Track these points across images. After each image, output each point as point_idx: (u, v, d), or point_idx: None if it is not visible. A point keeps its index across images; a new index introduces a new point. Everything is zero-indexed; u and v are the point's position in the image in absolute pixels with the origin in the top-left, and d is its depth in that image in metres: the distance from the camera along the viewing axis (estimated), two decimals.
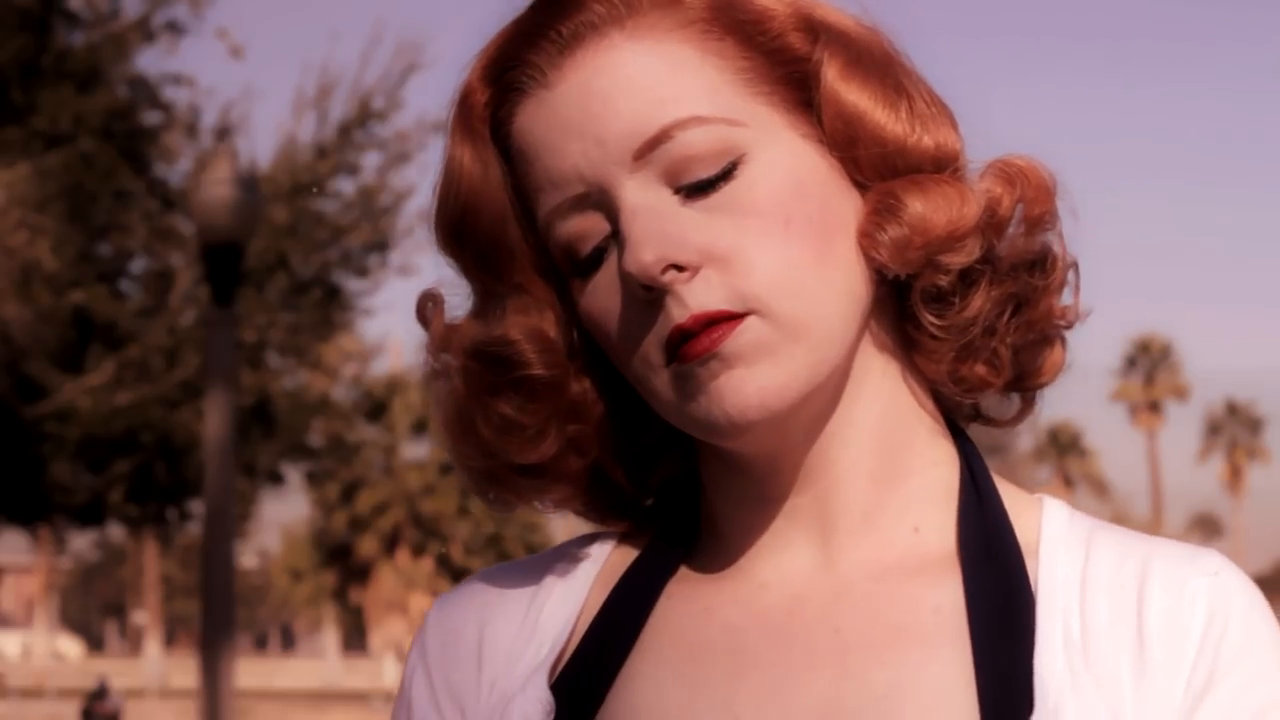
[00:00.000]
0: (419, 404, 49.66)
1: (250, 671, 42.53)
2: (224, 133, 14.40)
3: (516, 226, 1.16)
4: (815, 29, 1.15)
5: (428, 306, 1.21)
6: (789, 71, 1.14)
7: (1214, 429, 70.08)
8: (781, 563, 1.17)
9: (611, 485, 1.22)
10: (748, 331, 1.09)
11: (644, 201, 1.11)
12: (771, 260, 1.10)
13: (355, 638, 69.40)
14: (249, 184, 10.61)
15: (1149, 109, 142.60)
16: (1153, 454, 67.26)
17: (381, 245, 15.43)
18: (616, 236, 1.12)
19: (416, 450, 51.40)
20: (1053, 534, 1.16)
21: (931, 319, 1.15)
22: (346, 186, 15.32)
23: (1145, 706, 1.09)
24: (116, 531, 18.59)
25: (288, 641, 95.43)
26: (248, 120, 16.58)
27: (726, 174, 1.11)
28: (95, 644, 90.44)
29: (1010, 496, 1.18)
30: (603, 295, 1.13)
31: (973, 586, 1.13)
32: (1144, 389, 66.72)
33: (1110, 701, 1.09)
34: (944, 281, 1.13)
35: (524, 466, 1.18)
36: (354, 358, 17.99)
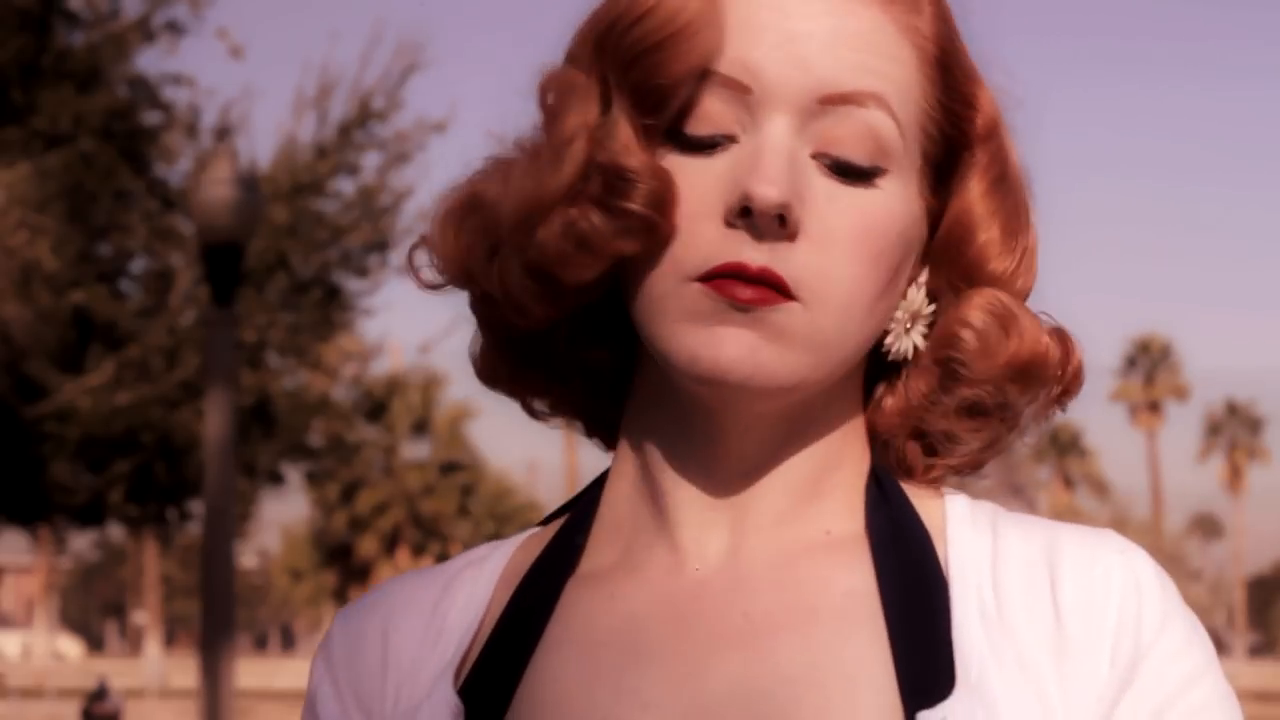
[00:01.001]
0: (419, 404, 49.71)
1: (250, 671, 42.53)
2: (224, 133, 14.40)
3: (688, 91, 1.12)
4: (994, 131, 1.18)
5: (562, 89, 1.15)
6: (953, 137, 1.16)
7: (1214, 429, 70.11)
8: (689, 546, 1.16)
9: (550, 339, 1.19)
10: (785, 314, 1.09)
11: (789, 143, 1.10)
12: (847, 276, 1.11)
13: None
14: (249, 184, 10.61)
15: (1149, 109, 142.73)
16: (1153, 454, 67.30)
17: (381, 245, 15.42)
18: (735, 142, 1.11)
19: (416, 450, 51.45)
20: (958, 516, 1.17)
21: (956, 424, 1.18)
22: (346, 186, 15.32)
23: (1069, 682, 1.09)
24: (116, 531, 18.59)
25: (288, 641, 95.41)
26: (248, 120, 16.57)
27: (869, 176, 1.12)
28: (95, 644, 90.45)
29: (913, 492, 1.20)
30: (686, 182, 1.11)
31: (883, 567, 1.13)
32: (1144, 389, 66.76)
33: (1030, 673, 1.09)
34: (989, 403, 1.17)
35: (540, 273, 1.14)
36: (354, 358, 17.95)
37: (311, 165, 14.87)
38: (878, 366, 1.20)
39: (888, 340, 1.17)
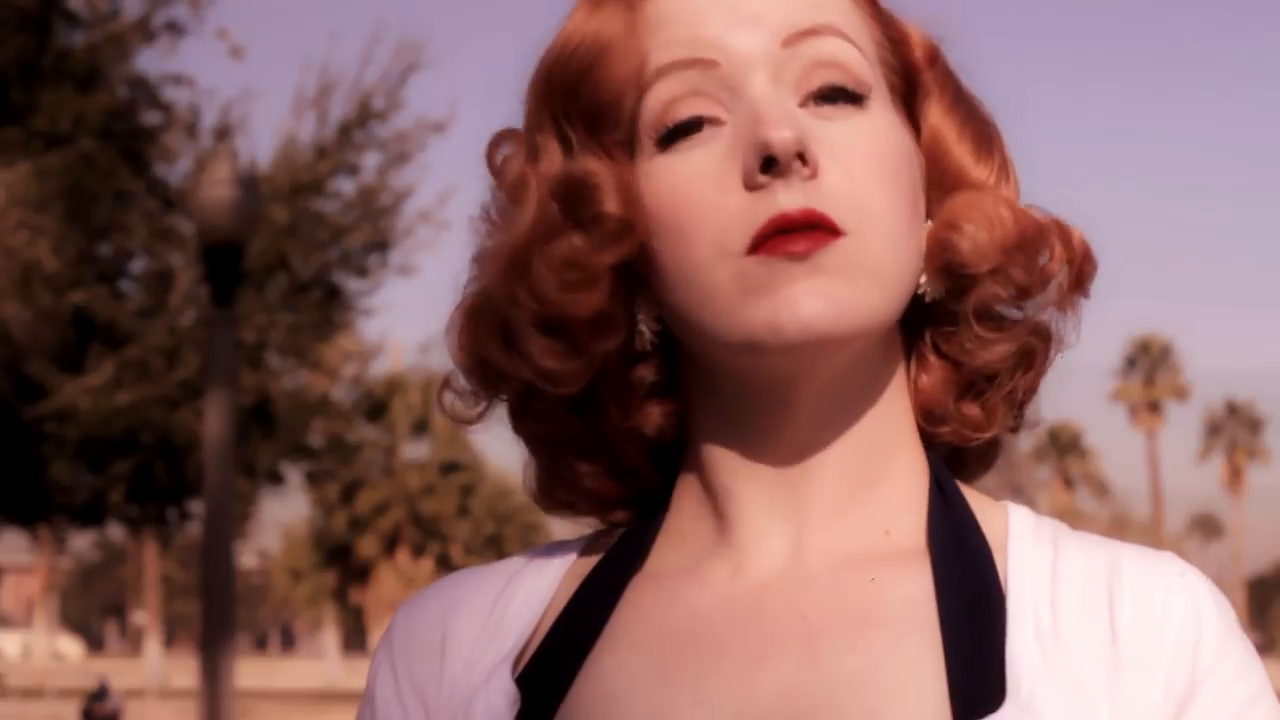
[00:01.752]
0: (419, 404, 49.70)
1: (250, 671, 42.55)
2: (224, 133, 14.40)
3: (634, 96, 1.14)
4: (934, 58, 1.21)
5: (504, 144, 1.19)
6: (903, 67, 1.19)
7: (1214, 429, 70.07)
8: (749, 551, 1.17)
9: (595, 419, 1.20)
10: (843, 250, 1.10)
11: (777, 95, 1.12)
12: (879, 198, 1.12)
13: (355, 638, 69.39)
14: (249, 184, 10.61)
15: (1149, 109, 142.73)
16: (1153, 454, 67.28)
17: (381, 245, 15.43)
18: (722, 123, 1.12)
19: (416, 450, 51.44)
20: (1020, 532, 1.17)
21: (979, 332, 1.18)
22: (346, 186, 15.33)
23: (1121, 701, 1.09)
24: (116, 531, 18.59)
25: (288, 641, 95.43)
26: (248, 120, 16.56)
27: (856, 100, 1.14)
28: (95, 644, 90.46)
29: (976, 501, 1.20)
30: (691, 172, 1.12)
31: (942, 578, 1.13)
32: (1144, 389, 66.74)
33: (1083, 693, 1.09)
34: (1003, 296, 1.17)
35: (551, 326, 1.15)
36: (354, 358, 17.96)
37: (311, 165, 14.87)
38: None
39: (920, 281, 1.17)
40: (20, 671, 56.37)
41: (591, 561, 1.22)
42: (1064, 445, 66.77)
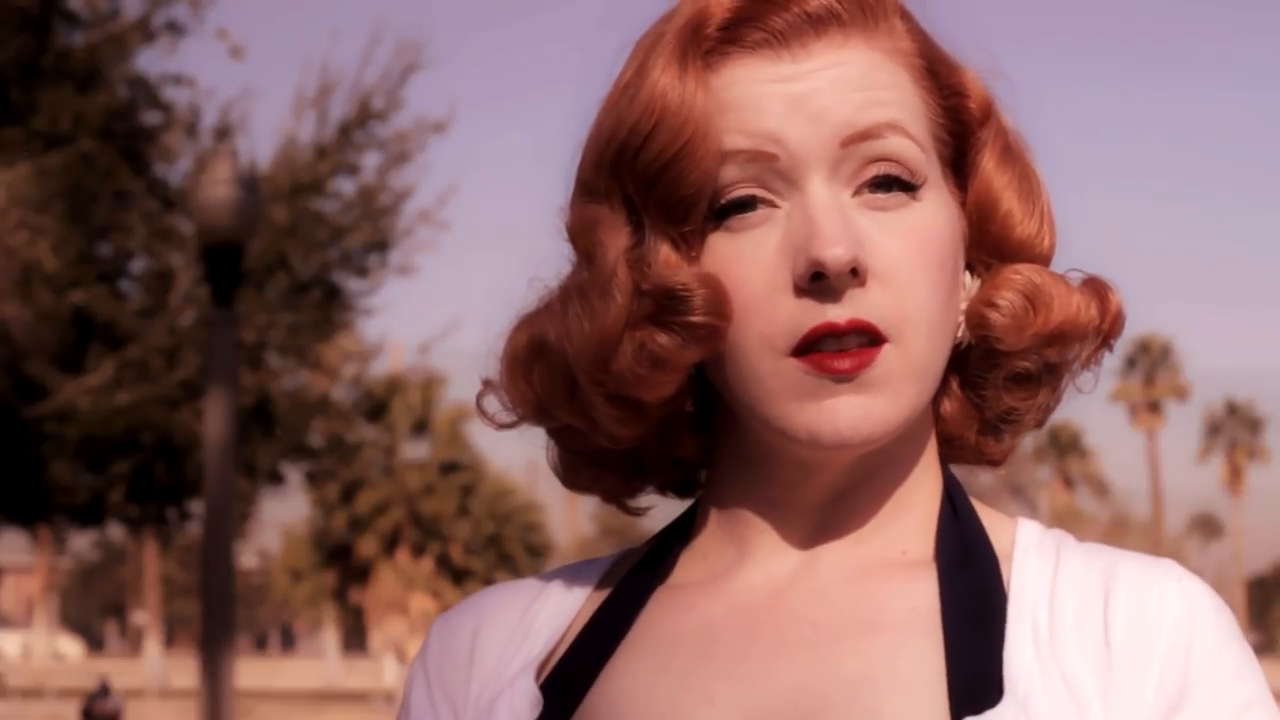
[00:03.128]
0: (419, 404, 49.71)
1: (250, 671, 42.54)
2: (224, 133, 14.39)
3: (710, 189, 1.15)
4: (989, 110, 1.22)
5: (592, 223, 1.19)
6: (957, 131, 1.21)
7: (1214, 429, 70.10)
8: (769, 567, 1.21)
9: (639, 448, 1.24)
10: (885, 361, 1.14)
11: (834, 198, 1.14)
12: (921, 296, 1.15)
13: (355, 638, 69.42)
14: (249, 184, 10.60)
15: (1149, 109, 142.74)
16: (1153, 454, 67.30)
17: (381, 245, 15.42)
18: (777, 212, 1.15)
19: (416, 450, 51.42)
20: (1026, 542, 1.21)
21: (1007, 400, 1.23)
22: (346, 186, 15.32)
23: (1113, 701, 1.12)
24: (116, 531, 18.58)
25: (288, 641, 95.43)
26: (248, 120, 16.54)
27: (911, 189, 1.16)
28: (95, 644, 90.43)
29: (987, 516, 1.24)
30: (746, 260, 1.15)
31: (947, 587, 1.18)
32: (1144, 389, 66.75)
33: (1077, 693, 1.12)
34: (1035, 368, 1.21)
35: (624, 398, 1.18)
36: (354, 358, 17.95)
37: (311, 165, 14.86)
38: None
39: (958, 334, 1.21)
40: (20, 671, 56.37)
41: (618, 578, 1.27)
42: (1064, 445, 66.77)
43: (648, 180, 1.16)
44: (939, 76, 1.21)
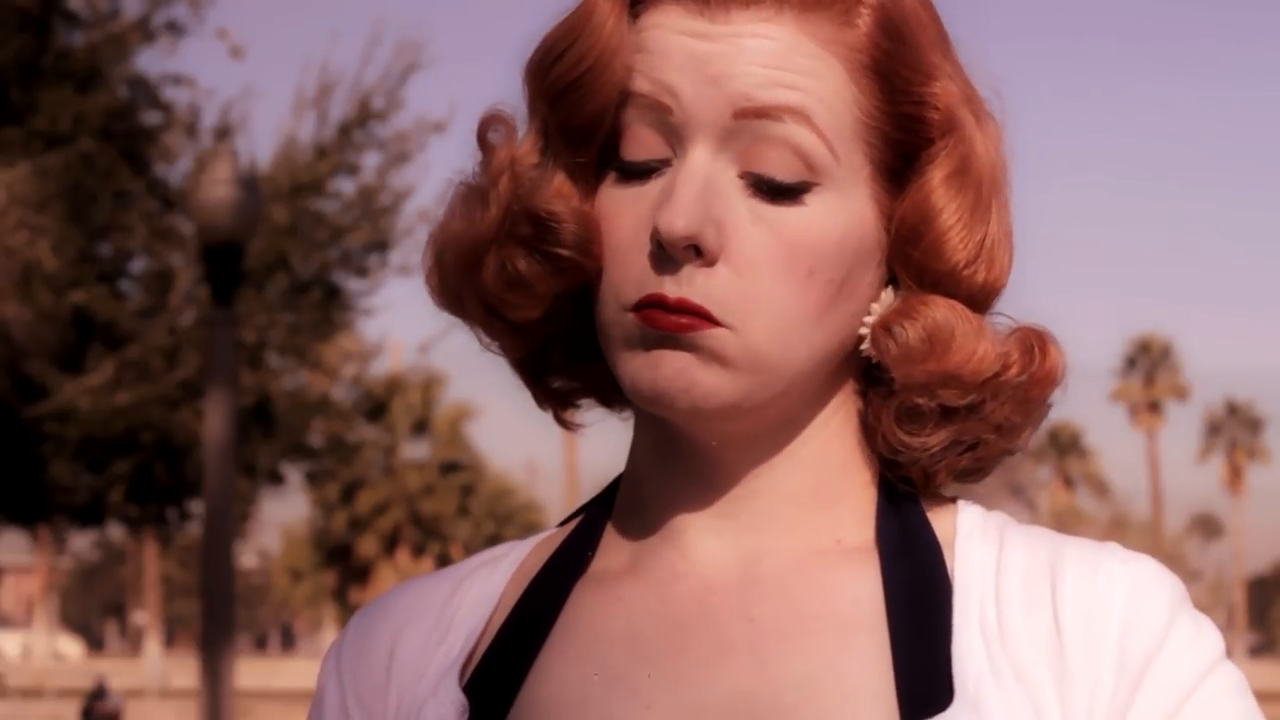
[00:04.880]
0: (419, 404, 49.73)
1: (250, 671, 42.52)
2: (224, 133, 14.39)
3: (609, 122, 1.14)
4: (952, 125, 1.15)
5: (495, 129, 1.19)
6: (903, 140, 1.15)
7: (1214, 429, 70.09)
8: (697, 552, 1.17)
9: (545, 361, 1.22)
10: (713, 339, 1.10)
11: (708, 168, 1.11)
12: (777, 297, 1.11)
13: None
14: (249, 184, 10.61)
15: (1149, 109, 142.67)
16: (1153, 454, 67.29)
17: (381, 245, 15.42)
18: (666, 168, 1.12)
19: (416, 450, 51.45)
20: (968, 528, 1.17)
21: (897, 432, 1.16)
22: (346, 186, 15.32)
23: (1068, 692, 1.09)
24: (116, 531, 18.59)
25: (288, 641, 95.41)
26: (248, 120, 16.56)
27: (795, 193, 1.11)
28: (95, 644, 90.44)
29: (928, 502, 1.20)
30: (623, 209, 1.13)
31: (890, 577, 1.14)
32: (1144, 389, 66.74)
33: (1030, 689, 1.09)
34: (927, 407, 1.15)
35: (496, 312, 1.18)
36: (354, 358, 17.95)
37: (311, 165, 14.86)
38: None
39: (863, 346, 1.16)
40: (20, 671, 56.38)
41: (537, 562, 1.22)
42: (1064, 445, 66.77)
43: (552, 98, 1.15)
44: (897, 79, 1.14)
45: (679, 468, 1.18)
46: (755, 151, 1.11)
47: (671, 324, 1.10)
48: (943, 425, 1.16)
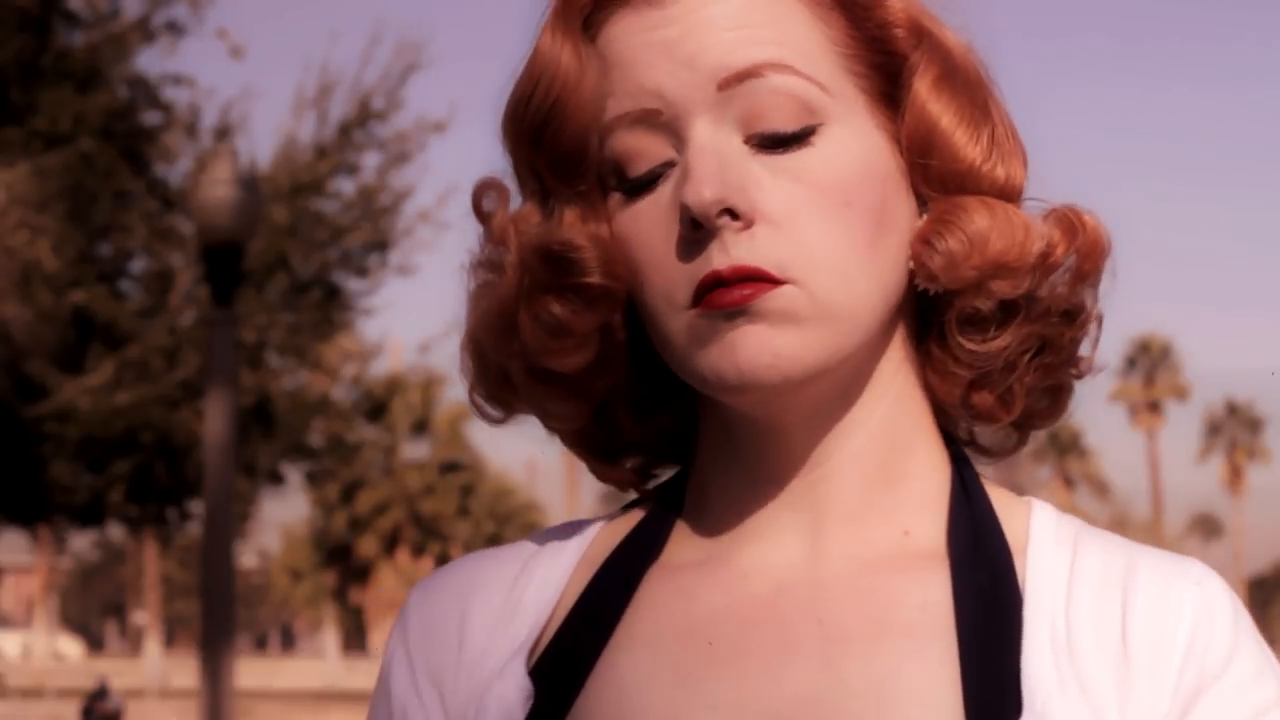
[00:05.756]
0: (419, 404, 49.72)
1: (250, 671, 42.51)
2: (224, 133, 14.39)
3: (595, 144, 1.14)
4: (921, 33, 1.16)
5: (488, 196, 1.20)
6: (884, 62, 1.15)
7: (1214, 429, 70.06)
8: (766, 550, 1.16)
9: (610, 423, 1.21)
10: (781, 298, 1.09)
11: (714, 141, 1.11)
12: (824, 237, 1.10)
13: (355, 638, 69.38)
14: (249, 184, 10.60)
15: (1149, 109, 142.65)
16: (1153, 454, 67.27)
17: (381, 245, 15.42)
18: (673, 166, 1.12)
19: (416, 450, 51.44)
20: (1041, 534, 1.16)
21: (962, 341, 1.15)
22: (346, 186, 15.32)
23: (1130, 710, 1.08)
24: (116, 531, 18.58)
25: (288, 641, 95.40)
26: (248, 120, 16.56)
27: (802, 137, 1.11)
28: (95, 644, 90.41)
29: (1000, 499, 1.18)
30: (644, 220, 1.13)
31: (960, 583, 1.12)
32: (1144, 389, 66.72)
33: (1094, 704, 1.08)
34: (985, 307, 1.14)
35: (547, 373, 1.17)
36: (354, 358, 17.94)
37: (311, 165, 14.86)
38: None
39: (915, 281, 1.15)
40: (20, 671, 56.35)
41: (607, 545, 1.21)
42: (1064, 445, 66.71)
43: (532, 140, 1.15)
44: (855, 7, 1.15)
45: (746, 467, 1.17)
46: (752, 113, 1.11)
47: (736, 298, 1.09)
48: (1006, 325, 1.16)
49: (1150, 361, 67.24)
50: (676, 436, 1.23)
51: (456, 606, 1.20)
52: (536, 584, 1.20)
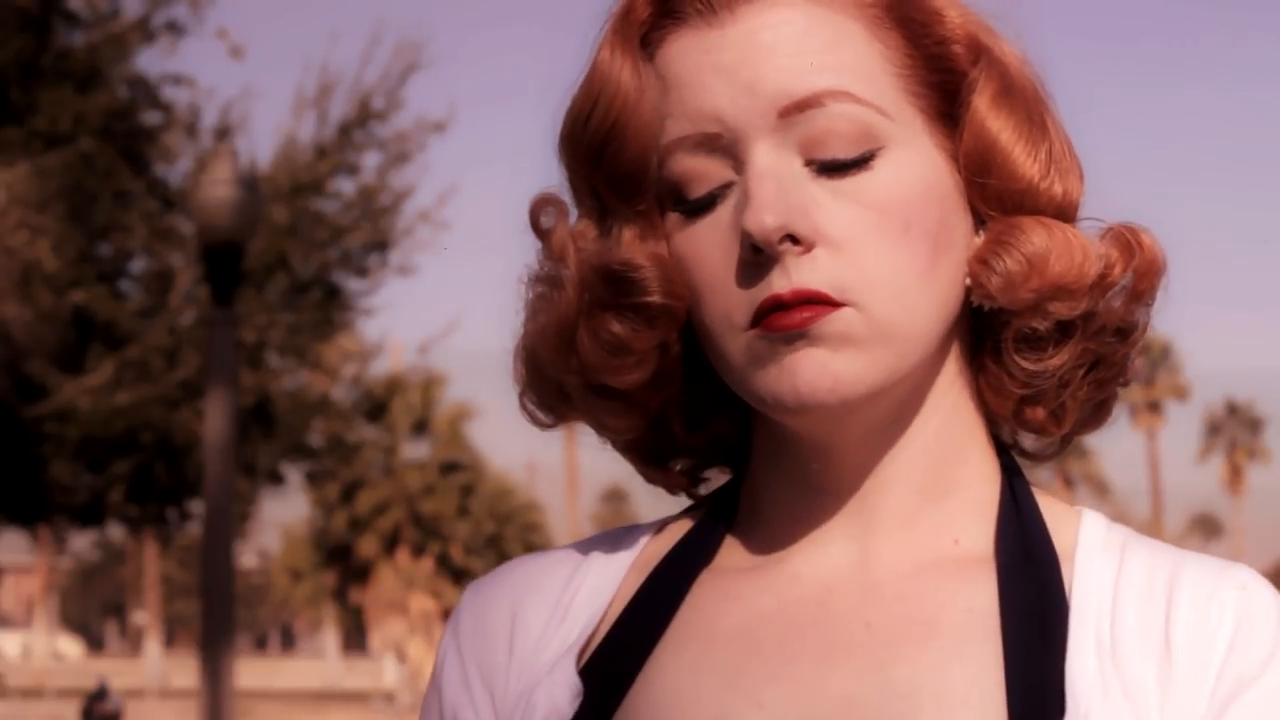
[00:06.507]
0: (419, 404, 49.68)
1: (250, 671, 42.51)
2: (224, 133, 14.38)
3: (655, 164, 1.14)
4: (979, 49, 1.16)
5: (546, 211, 1.20)
6: (942, 80, 1.15)
7: (1214, 429, 70.05)
8: (816, 556, 1.17)
9: (664, 430, 1.22)
10: (840, 320, 1.10)
11: (774, 165, 1.11)
12: (883, 260, 1.10)
13: (355, 638, 69.37)
14: (249, 184, 10.60)
15: (1149, 109, 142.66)
16: (1153, 454, 67.27)
17: (381, 245, 15.41)
18: (732, 187, 1.12)
19: (416, 450, 51.39)
20: (1089, 542, 1.17)
21: (1018, 360, 1.16)
22: (346, 186, 15.31)
23: (1169, 711, 1.08)
24: (116, 531, 18.57)
25: (288, 641, 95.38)
26: (248, 120, 16.55)
27: (863, 161, 1.11)
28: (95, 644, 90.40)
29: (1049, 508, 1.19)
30: (703, 241, 1.13)
31: (1007, 589, 1.13)
32: (1144, 389, 66.66)
33: (1138, 710, 1.08)
34: (1042, 327, 1.15)
35: (604, 388, 1.18)
36: (354, 358, 17.94)
37: (311, 165, 14.85)
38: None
39: (969, 291, 1.16)
40: (20, 671, 56.35)
41: (658, 552, 1.22)
42: None
43: (592, 159, 1.15)
44: (912, 24, 1.14)
45: (800, 479, 1.18)
46: (812, 139, 1.11)
47: (796, 321, 1.09)
48: (1063, 344, 1.16)
49: (1150, 361, 67.20)
50: (729, 443, 1.24)
51: (508, 608, 1.22)
52: (589, 587, 1.21)
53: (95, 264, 14.08)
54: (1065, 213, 1.16)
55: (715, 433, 1.23)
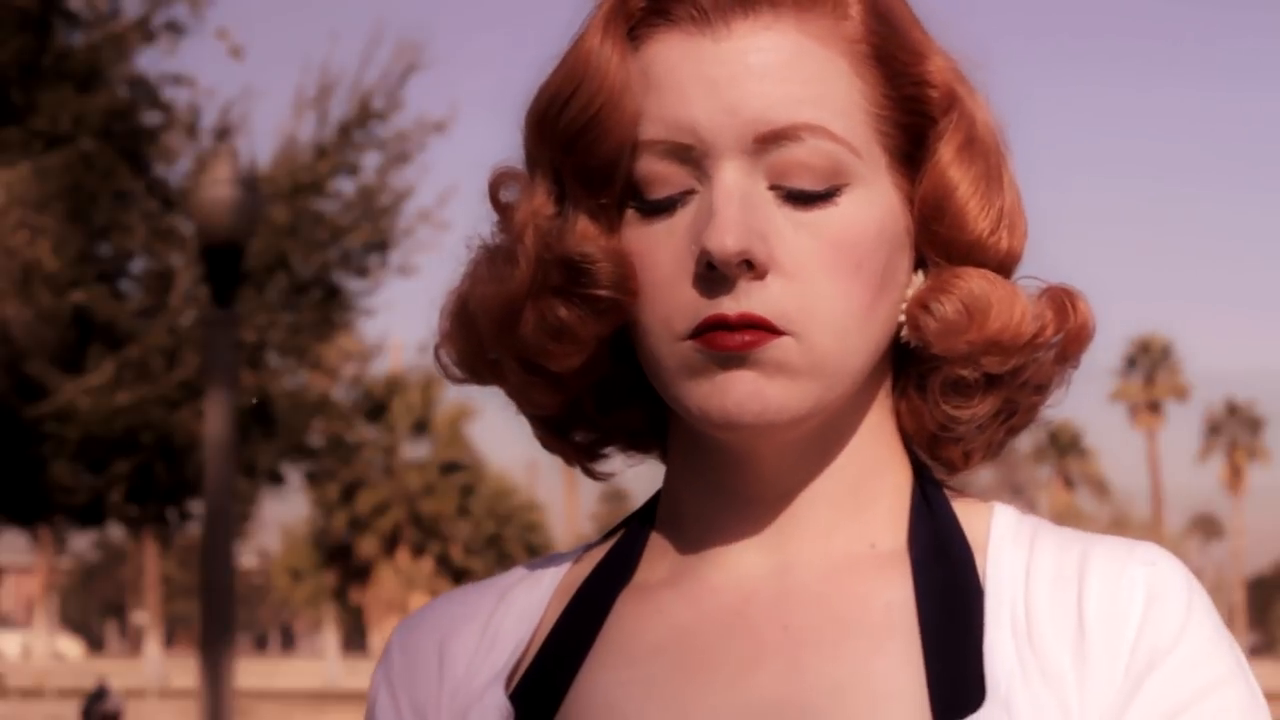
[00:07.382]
0: (419, 404, 49.72)
1: (250, 671, 42.52)
2: (224, 133, 14.39)
3: (626, 162, 1.14)
4: (953, 98, 1.18)
5: (507, 186, 1.20)
6: (912, 122, 1.17)
7: (1214, 429, 70.10)
8: (734, 566, 1.19)
9: (575, 406, 1.23)
10: (779, 349, 1.11)
11: (741, 186, 1.12)
12: (832, 297, 1.12)
13: (355, 638, 69.42)
14: (249, 184, 10.61)
15: (1149, 109, 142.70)
16: (1153, 454, 67.32)
17: (381, 245, 15.42)
18: (693, 195, 1.13)
19: (416, 450, 51.46)
20: (1001, 532, 1.18)
21: (943, 405, 1.19)
22: (346, 186, 15.32)
23: (1088, 694, 1.10)
24: (116, 531, 18.58)
25: (288, 641, 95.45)
26: (248, 120, 16.53)
27: (828, 196, 1.13)
28: (95, 644, 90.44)
29: (962, 505, 1.21)
30: (656, 243, 1.14)
31: (922, 581, 1.15)
32: (1144, 389, 66.76)
33: (1056, 690, 1.10)
34: (971, 377, 1.17)
35: (536, 366, 1.18)
36: (354, 358, 17.96)
37: (311, 165, 14.86)
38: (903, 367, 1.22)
39: (903, 333, 1.18)
40: (20, 671, 56.38)
41: (581, 574, 1.24)
42: (1064, 445, 66.79)
43: (564, 145, 1.15)
44: (894, 64, 1.16)
45: (718, 486, 1.19)
46: (782, 166, 1.12)
47: (737, 343, 1.11)
48: (989, 394, 1.19)
49: (1150, 361, 67.28)
50: (639, 432, 1.25)
51: (436, 641, 1.23)
52: (515, 614, 1.23)
53: (95, 264, 14.08)
54: (1006, 268, 1.18)
55: (628, 421, 1.24)
